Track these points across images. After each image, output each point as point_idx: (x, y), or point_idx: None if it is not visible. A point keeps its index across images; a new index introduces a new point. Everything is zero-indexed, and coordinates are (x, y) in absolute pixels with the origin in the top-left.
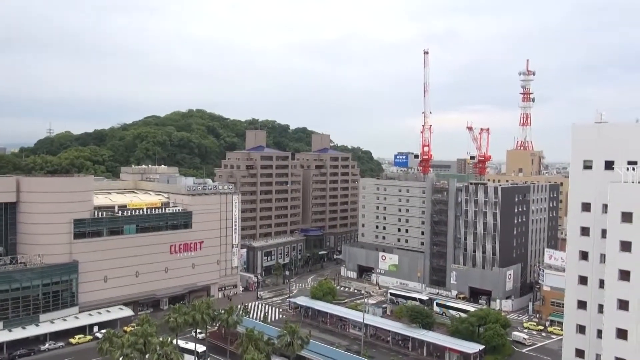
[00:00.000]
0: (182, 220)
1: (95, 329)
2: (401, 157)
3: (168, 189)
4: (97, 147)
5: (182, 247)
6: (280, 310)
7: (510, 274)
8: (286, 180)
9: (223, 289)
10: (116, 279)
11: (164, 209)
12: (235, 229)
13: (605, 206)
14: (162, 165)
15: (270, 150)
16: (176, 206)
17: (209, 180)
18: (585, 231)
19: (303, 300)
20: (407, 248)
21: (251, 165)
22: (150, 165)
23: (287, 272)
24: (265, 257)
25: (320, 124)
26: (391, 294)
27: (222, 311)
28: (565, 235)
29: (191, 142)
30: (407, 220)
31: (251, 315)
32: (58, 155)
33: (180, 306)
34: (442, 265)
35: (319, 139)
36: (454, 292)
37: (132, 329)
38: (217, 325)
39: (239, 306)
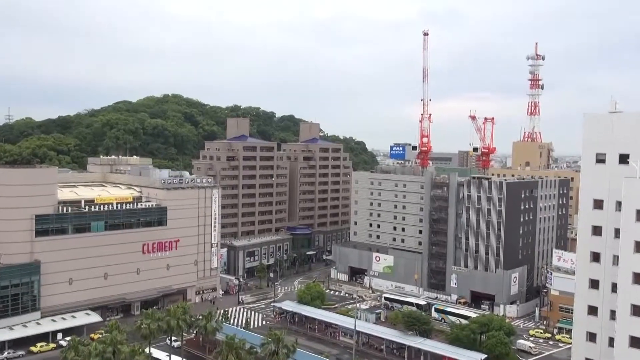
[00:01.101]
0: (156, 217)
1: (59, 336)
2: (398, 148)
3: (140, 182)
4: (62, 135)
5: (155, 247)
6: (264, 315)
7: (515, 277)
8: (271, 173)
9: (201, 292)
10: (82, 281)
11: (135, 204)
12: (215, 226)
13: (619, 203)
14: (134, 156)
15: (254, 140)
16: (149, 201)
17: (186, 173)
18: (597, 230)
19: (289, 305)
20: (403, 248)
21: (233, 157)
22: (120, 156)
23: (271, 274)
24: (248, 258)
25: (309, 112)
26: (385, 298)
27: (200, 317)
28: (576, 235)
29: (166, 130)
30: (403, 218)
31: (232, 322)
32: (18, 144)
33: (154, 311)
34: (441, 267)
35: (307, 128)
36: (454, 297)
37: (100, 336)
38: (195, 332)
39: (218, 311)
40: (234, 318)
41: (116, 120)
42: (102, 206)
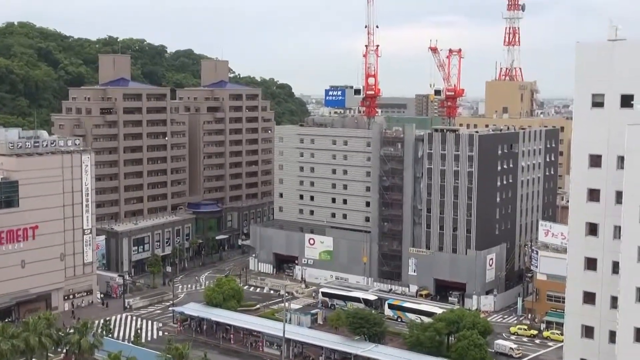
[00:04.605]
0: (3, 195)
1: None
2: (335, 93)
3: None
4: None
5: (4, 237)
6: (161, 324)
7: (491, 260)
8: (164, 131)
9: (71, 296)
10: None
11: None
12: (88, 206)
13: (621, 159)
14: None
15: (139, 85)
16: None
17: (44, 133)
18: (594, 195)
19: (194, 309)
20: (346, 227)
21: (109, 109)
22: None
23: (168, 269)
24: (135, 247)
25: (213, 46)
26: (323, 294)
27: (71, 330)
28: (568, 201)
29: (12, 73)
30: (345, 187)
31: (116, 334)
32: None
33: (5, 325)
34: (396, 250)
35: (212, 67)
36: (414, 288)
37: None
38: (65, 351)
39: (96, 322)
40: (119, 329)
41: None
42: None
